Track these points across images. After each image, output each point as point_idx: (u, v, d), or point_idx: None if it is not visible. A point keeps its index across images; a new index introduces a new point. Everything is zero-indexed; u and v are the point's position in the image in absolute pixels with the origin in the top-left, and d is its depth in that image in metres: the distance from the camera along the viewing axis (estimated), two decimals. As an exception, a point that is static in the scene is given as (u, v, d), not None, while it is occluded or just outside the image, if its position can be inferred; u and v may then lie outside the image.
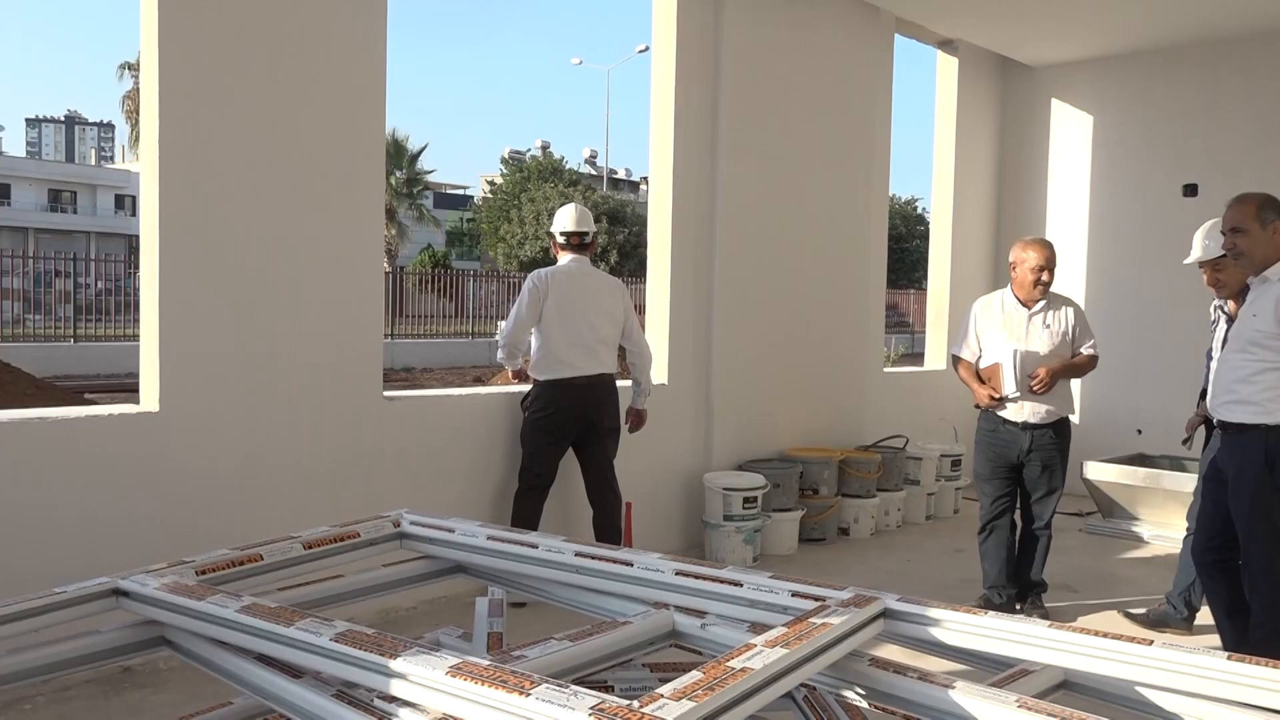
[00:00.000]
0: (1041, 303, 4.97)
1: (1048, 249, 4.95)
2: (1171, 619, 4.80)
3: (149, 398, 4.06)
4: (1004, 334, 4.96)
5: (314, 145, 4.43)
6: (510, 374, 5.38)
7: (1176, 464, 6.86)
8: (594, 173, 56.10)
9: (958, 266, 8.26)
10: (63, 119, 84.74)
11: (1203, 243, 4.58)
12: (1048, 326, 4.94)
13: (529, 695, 1.83)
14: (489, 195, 46.53)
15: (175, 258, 4.06)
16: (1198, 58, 7.65)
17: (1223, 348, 4.07)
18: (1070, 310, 4.99)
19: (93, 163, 70.62)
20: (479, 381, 14.65)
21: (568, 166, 45.71)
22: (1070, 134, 8.33)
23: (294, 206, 4.38)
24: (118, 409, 4.12)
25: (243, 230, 4.23)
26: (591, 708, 1.77)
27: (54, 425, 3.84)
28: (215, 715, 2.71)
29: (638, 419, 5.38)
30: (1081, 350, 4.96)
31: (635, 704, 1.81)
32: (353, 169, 4.57)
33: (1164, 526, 6.63)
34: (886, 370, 7.75)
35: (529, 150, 54.67)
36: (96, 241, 47.87)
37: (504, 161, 49.31)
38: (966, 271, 8.33)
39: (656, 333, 6.10)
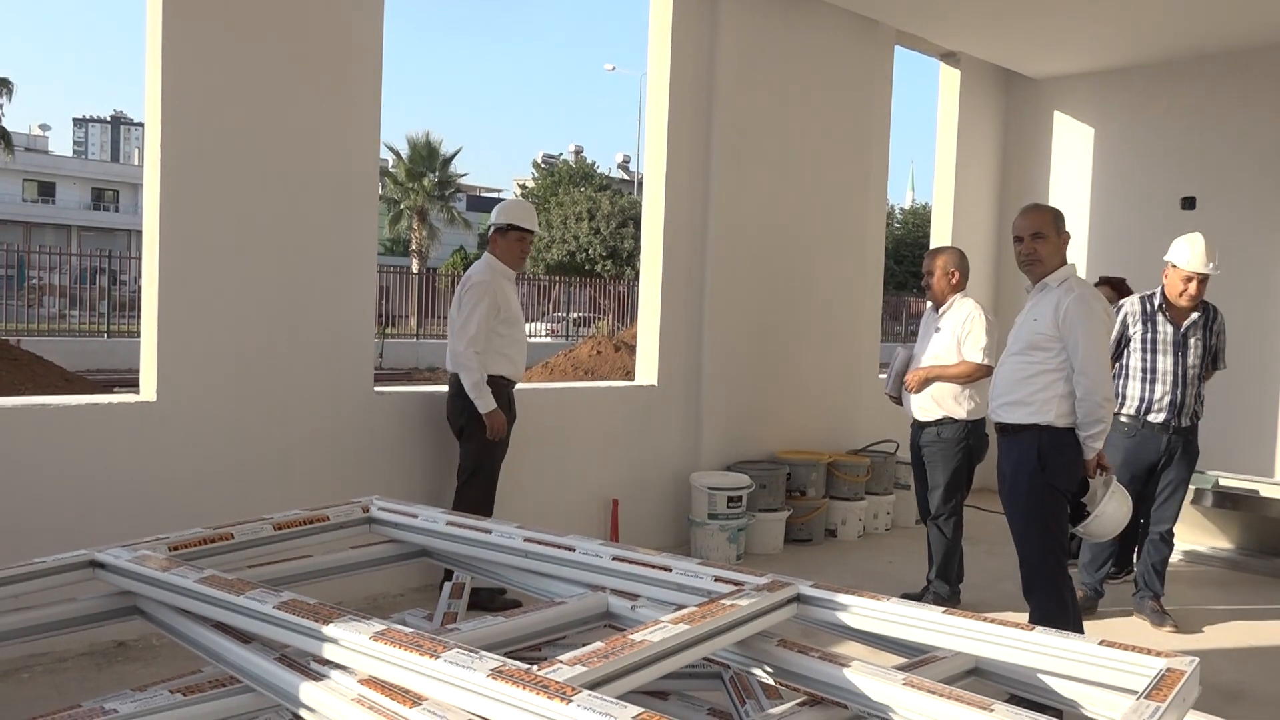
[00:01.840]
0: (945, 306, 5.25)
1: (933, 256, 5.33)
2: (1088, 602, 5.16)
3: (147, 388, 4.30)
4: (921, 337, 5.36)
5: (310, 149, 4.65)
6: None
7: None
8: (626, 178, 56.39)
9: (958, 275, 8.35)
10: (109, 119, 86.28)
11: (1209, 257, 4.94)
12: (938, 330, 5.24)
13: (439, 658, 2.01)
14: (521, 199, 47.01)
15: (175, 254, 4.29)
16: (1198, 72, 7.71)
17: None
18: (966, 318, 5.18)
19: (136, 162, 72.04)
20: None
21: (600, 171, 46.04)
22: (1071, 146, 8.40)
23: (290, 208, 4.60)
24: (117, 398, 4.36)
25: (240, 230, 4.45)
26: (492, 669, 1.95)
27: (56, 412, 4.07)
28: (183, 681, 2.90)
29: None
30: (963, 356, 5.14)
31: (534, 668, 1.99)
32: (348, 171, 4.78)
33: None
34: (882, 375, 7.84)
35: (562, 155, 55.15)
36: (137, 239, 48.87)
37: (535, 166, 49.77)
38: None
39: (647, 334, 6.28)
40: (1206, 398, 5.16)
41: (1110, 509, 4.01)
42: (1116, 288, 5.98)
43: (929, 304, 5.46)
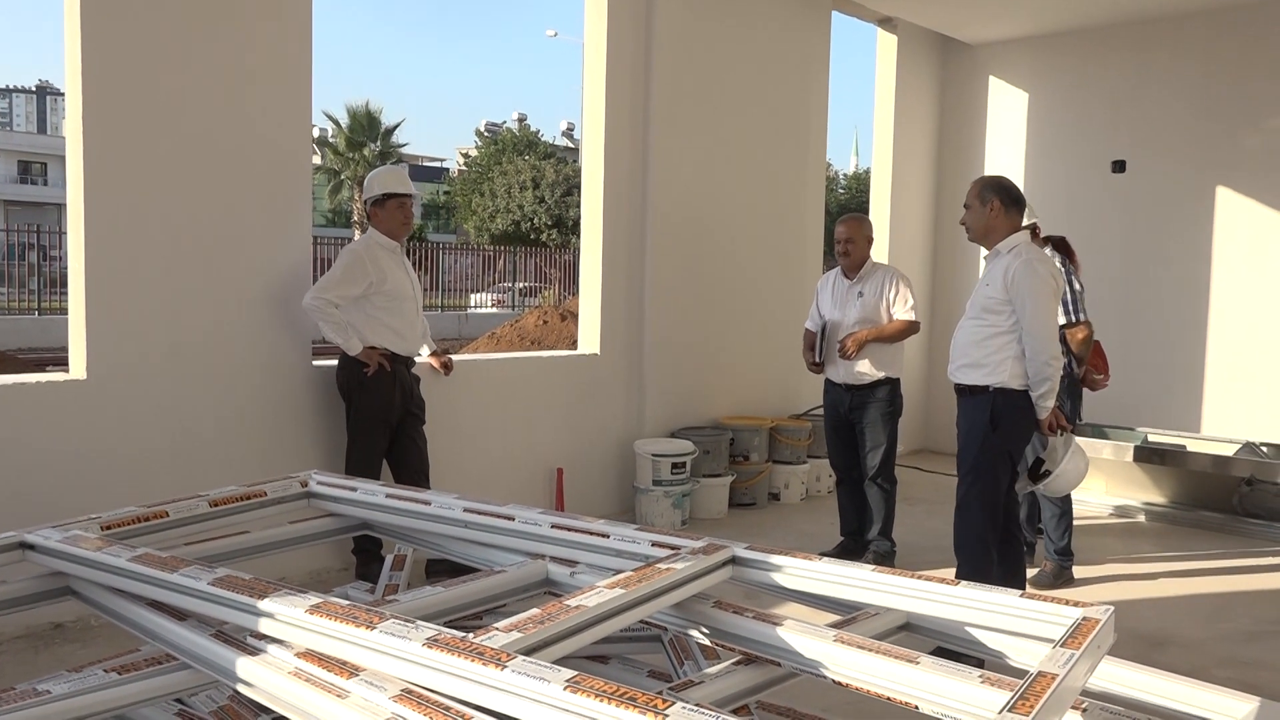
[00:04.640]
0: (860, 274, 5.39)
1: (846, 225, 5.42)
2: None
3: (77, 366, 4.21)
4: (831, 305, 5.45)
5: (240, 117, 4.56)
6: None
7: (1098, 431, 7.11)
8: (571, 145, 55.95)
9: (896, 240, 8.45)
10: (34, 89, 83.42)
11: None
12: (861, 296, 5.37)
13: (375, 629, 2.02)
14: (464, 168, 46.42)
15: (101, 228, 4.20)
16: (1129, 37, 7.84)
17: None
18: (889, 279, 5.37)
19: (64, 134, 69.77)
20: (447, 353, 14.73)
21: (544, 139, 45.62)
22: (1006, 110, 8.52)
23: (221, 179, 4.51)
24: (45, 378, 4.27)
25: (169, 202, 4.36)
26: (428, 638, 1.96)
27: (-18, 392, 3.98)
28: (119, 660, 2.87)
29: None
30: (895, 315, 5.30)
31: (470, 635, 2.01)
32: (279, 140, 4.70)
33: (1084, 490, 6.87)
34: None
35: (505, 122, 54.51)
36: (67, 214, 47.44)
37: (478, 134, 49.14)
38: (905, 244, 8.53)
39: (589, 303, 6.28)
40: (1139, 356, 5.29)
41: (1070, 466, 4.14)
42: (1059, 247, 6.03)
43: (836, 270, 5.54)
